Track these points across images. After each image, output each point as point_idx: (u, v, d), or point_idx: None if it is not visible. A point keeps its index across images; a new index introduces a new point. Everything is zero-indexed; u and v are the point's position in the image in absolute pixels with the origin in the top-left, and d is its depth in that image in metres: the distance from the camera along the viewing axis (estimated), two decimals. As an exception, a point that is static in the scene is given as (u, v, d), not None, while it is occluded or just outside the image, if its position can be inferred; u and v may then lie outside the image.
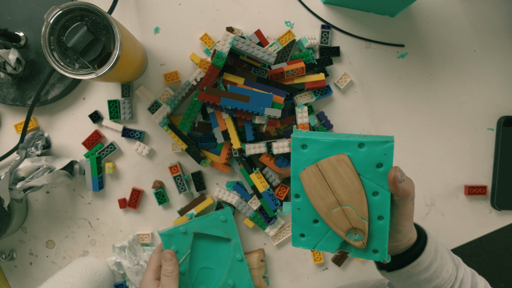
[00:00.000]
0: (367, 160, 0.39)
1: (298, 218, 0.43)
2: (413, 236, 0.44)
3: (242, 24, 0.64)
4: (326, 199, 0.40)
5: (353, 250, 0.42)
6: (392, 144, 0.38)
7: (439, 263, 0.44)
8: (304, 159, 0.41)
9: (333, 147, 0.40)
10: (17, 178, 0.58)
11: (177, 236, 0.60)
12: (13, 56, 0.57)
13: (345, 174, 0.40)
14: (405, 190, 0.39)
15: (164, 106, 0.60)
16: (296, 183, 0.42)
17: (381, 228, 0.41)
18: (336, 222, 0.41)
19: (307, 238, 0.43)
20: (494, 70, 0.66)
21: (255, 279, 0.62)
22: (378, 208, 0.40)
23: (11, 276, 0.67)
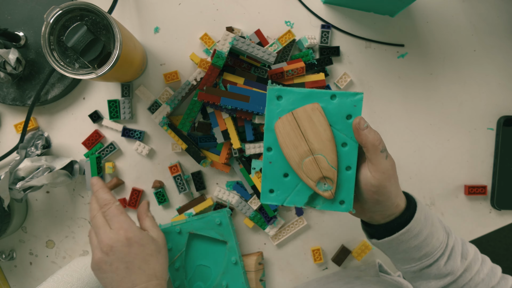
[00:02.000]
0: (338, 111, 0.42)
1: (269, 172, 0.43)
2: (401, 203, 0.44)
3: (242, 23, 0.64)
4: (299, 148, 0.42)
5: (321, 202, 0.43)
6: (361, 96, 0.41)
7: (429, 231, 0.44)
8: (279, 109, 0.42)
9: (307, 98, 0.42)
10: (17, 178, 0.58)
11: (172, 234, 0.61)
12: (13, 56, 0.57)
13: (318, 123, 0.41)
14: (368, 138, 0.40)
15: (164, 106, 0.60)
16: (270, 135, 0.43)
17: (348, 178, 0.43)
18: (308, 172, 0.42)
19: (277, 193, 0.43)
20: (494, 70, 0.66)
21: (252, 282, 0.62)
22: (346, 158, 0.42)
23: (11, 276, 0.67)
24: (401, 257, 0.46)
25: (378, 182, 0.41)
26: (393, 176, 0.42)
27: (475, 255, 0.47)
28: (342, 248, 0.65)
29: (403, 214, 0.44)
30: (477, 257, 0.46)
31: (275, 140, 0.42)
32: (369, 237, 0.48)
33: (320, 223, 0.66)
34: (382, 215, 0.44)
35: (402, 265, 0.47)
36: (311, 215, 0.66)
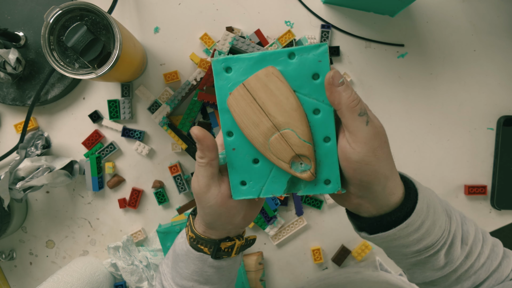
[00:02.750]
0: (300, 71, 0.34)
1: (235, 161, 0.36)
2: (397, 189, 0.36)
3: (242, 23, 0.64)
4: (261, 126, 0.35)
5: (302, 186, 0.37)
6: (325, 47, 0.34)
7: (431, 220, 0.36)
8: (230, 84, 0.35)
9: (260, 63, 0.34)
10: (17, 178, 0.58)
11: (172, 234, 0.61)
12: (13, 56, 0.57)
13: (277, 91, 0.34)
14: (342, 98, 0.32)
15: (164, 106, 0.60)
16: (226, 116, 0.36)
17: (329, 151, 0.35)
18: (277, 152, 0.35)
19: (249, 185, 0.37)
20: (494, 69, 0.66)
21: (252, 282, 0.62)
22: (322, 127, 0.35)
23: (11, 275, 0.67)
24: (396, 250, 0.39)
25: (358, 157, 0.33)
26: (380, 149, 0.33)
27: (476, 235, 0.40)
28: (342, 248, 0.65)
29: (401, 207, 0.36)
30: (478, 238, 0.40)
31: (234, 121, 0.35)
32: (358, 230, 0.41)
33: (320, 223, 0.66)
34: (373, 204, 0.36)
35: (396, 256, 0.40)
36: (311, 215, 0.66)
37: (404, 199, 0.36)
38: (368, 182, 0.34)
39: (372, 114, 0.35)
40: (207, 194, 0.37)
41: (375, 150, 0.33)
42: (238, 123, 0.35)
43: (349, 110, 0.32)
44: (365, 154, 0.33)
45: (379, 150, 0.33)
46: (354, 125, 0.33)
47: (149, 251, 0.65)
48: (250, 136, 0.35)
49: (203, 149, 0.36)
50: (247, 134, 0.35)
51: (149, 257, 0.64)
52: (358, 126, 0.32)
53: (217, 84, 0.35)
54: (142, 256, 0.64)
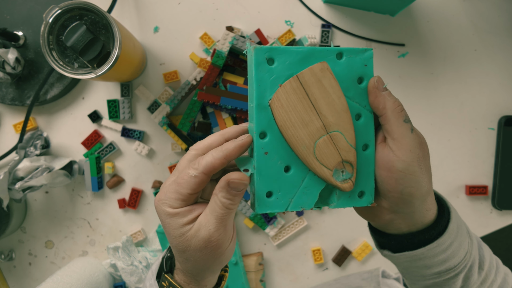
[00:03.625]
0: (347, 73, 0.32)
1: (265, 168, 0.32)
2: (432, 206, 0.33)
3: (242, 23, 0.63)
4: (310, 125, 0.31)
5: (335, 198, 0.33)
6: (371, 53, 0.33)
7: (459, 242, 0.34)
8: (272, 77, 0.31)
9: (308, 59, 0.32)
10: (16, 178, 0.58)
11: None
12: (12, 55, 0.57)
13: (331, 88, 0.31)
14: (388, 103, 0.31)
15: (164, 106, 0.60)
16: (263, 115, 0.31)
17: (366, 160, 0.33)
18: (323, 157, 0.32)
19: (277, 196, 0.32)
20: (495, 69, 0.65)
21: (252, 282, 0.62)
22: (362, 134, 0.33)
23: (10, 276, 0.66)
24: (416, 271, 0.36)
25: (403, 165, 0.31)
26: (423, 160, 0.31)
27: (491, 261, 0.39)
28: (343, 248, 0.65)
29: (435, 225, 0.34)
30: (492, 265, 0.39)
31: (271, 120, 0.32)
32: (379, 247, 0.38)
33: (320, 223, 0.66)
34: (406, 221, 0.34)
35: (412, 278, 0.38)
36: (311, 215, 0.66)
37: (438, 217, 0.34)
38: (410, 194, 0.32)
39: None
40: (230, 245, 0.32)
41: (419, 159, 0.31)
42: (283, 121, 0.31)
43: (395, 115, 0.31)
44: (410, 163, 0.31)
45: (422, 160, 0.31)
46: (399, 132, 0.31)
47: (148, 252, 0.65)
48: (295, 137, 0.31)
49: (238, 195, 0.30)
50: (292, 135, 0.31)
51: (149, 258, 0.64)
52: (404, 132, 0.31)
53: (257, 76, 0.31)
54: (141, 256, 0.64)
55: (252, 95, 0.31)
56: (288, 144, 0.32)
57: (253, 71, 0.31)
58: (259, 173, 0.32)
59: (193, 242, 0.31)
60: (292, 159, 0.32)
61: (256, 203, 0.32)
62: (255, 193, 0.32)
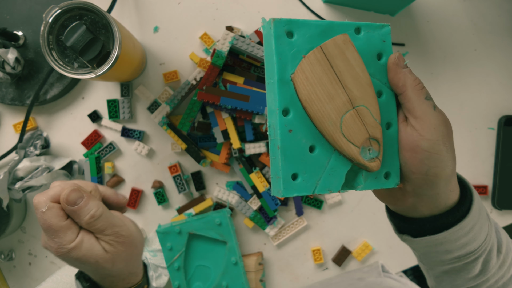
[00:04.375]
0: (366, 49, 0.32)
1: (289, 147, 0.30)
2: (456, 188, 0.32)
3: (242, 23, 0.63)
4: (336, 99, 0.30)
5: (362, 180, 0.32)
6: (389, 28, 0.32)
7: (480, 224, 0.33)
8: (293, 50, 0.30)
9: (327, 33, 0.31)
10: (16, 178, 0.58)
11: (172, 234, 0.61)
12: (12, 55, 0.57)
13: (354, 61, 0.30)
14: (408, 80, 0.30)
15: (164, 106, 0.60)
16: (285, 90, 0.30)
17: (390, 139, 0.32)
18: (350, 133, 0.30)
19: (304, 178, 0.30)
20: (495, 69, 0.65)
21: (252, 282, 0.62)
22: (384, 112, 0.32)
23: (10, 276, 0.66)
24: (435, 256, 0.35)
25: (428, 144, 0.29)
26: (448, 139, 0.30)
27: (508, 244, 0.37)
28: (342, 248, 0.65)
29: (458, 206, 0.32)
30: (509, 247, 0.37)
31: (293, 96, 0.30)
32: (398, 232, 0.37)
33: (320, 223, 0.66)
34: (428, 204, 0.32)
35: (431, 263, 0.37)
36: (311, 215, 0.66)
37: (461, 198, 0.33)
38: (436, 175, 0.30)
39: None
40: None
41: (444, 137, 0.30)
42: (307, 95, 0.29)
43: (416, 92, 0.30)
44: (436, 141, 0.29)
45: (447, 139, 0.30)
46: (421, 109, 0.30)
47: (148, 252, 0.65)
48: (321, 112, 0.30)
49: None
50: (317, 110, 0.30)
51: (149, 258, 0.64)
52: (426, 110, 0.30)
53: (277, 50, 0.30)
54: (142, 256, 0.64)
55: (273, 71, 0.30)
56: (311, 122, 0.30)
57: (273, 45, 0.30)
58: (283, 153, 0.30)
59: None
60: (317, 138, 0.31)
61: (283, 186, 0.30)
62: (282, 175, 0.30)
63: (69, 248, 0.36)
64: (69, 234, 0.36)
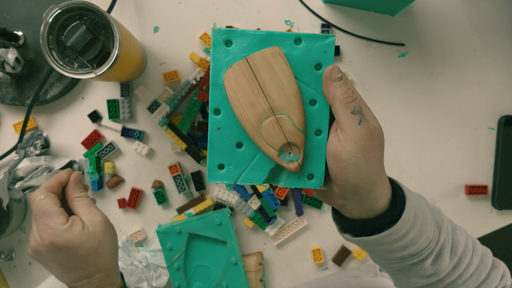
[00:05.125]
0: (304, 59, 0.33)
1: (217, 142, 0.35)
2: (383, 195, 0.34)
3: (242, 23, 0.63)
4: (257, 107, 0.33)
5: (285, 178, 0.35)
6: (333, 39, 0.33)
7: (417, 231, 0.35)
8: (228, 58, 0.33)
9: (265, 42, 0.33)
10: (16, 178, 0.58)
11: (172, 234, 0.61)
12: (12, 55, 0.57)
13: (281, 73, 0.33)
14: (336, 93, 0.32)
15: (164, 106, 0.60)
16: (217, 92, 0.34)
17: (318, 145, 0.34)
18: (268, 137, 0.34)
19: (228, 169, 0.35)
20: (495, 69, 0.65)
21: (252, 282, 0.62)
22: (316, 120, 0.34)
23: (10, 276, 0.66)
24: (379, 254, 0.38)
25: (347, 156, 0.32)
26: (372, 152, 0.32)
27: (466, 245, 0.39)
28: (342, 248, 0.65)
29: (386, 214, 0.35)
30: (468, 248, 0.39)
31: (225, 98, 0.34)
32: (341, 231, 0.39)
33: (320, 223, 0.66)
34: (356, 208, 0.35)
35: (379, 260, 0.39)
36: (311, 215, 0.66)
37: (390, 206, 0.35)
38: (354, 184, 0.33)
39: (371, 115, 0.35)
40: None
41: (365, 151, 0.32)
42: (232, 101, 0.33)
43: (342, 106, 0.32)
44: (355, 154, 0.31)
45: (370, 152, 0.32)
46: (346, 122, 0.32)
47: (148, 252, 0.65)
48: (243, 116, 0.33)
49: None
50: (239, 114, 0.33)
51: (149, 258, 0.64)
52: (350, 124, 0.32)
53: (213, 56, 0.33)
54: (141, 256, 0.64)
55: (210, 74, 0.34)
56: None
57: (211, 52, 0.33)
58: (211, 146, 0.35)
59: None
60: (244, 137, 0.35)
61: (208, 173, 0.35)
62: (207, 163, 0.35)
63: (63, 229, 0.41)
64: (62, 217, 0.42)
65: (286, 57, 0.33)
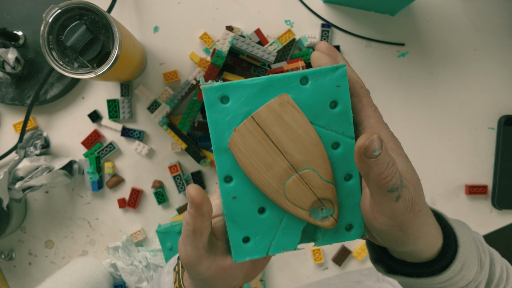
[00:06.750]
0: (315, 100, 0.29)
1: (236, 213, 0.30)
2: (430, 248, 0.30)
3: (241, 23, 0.63)
4: (275, 167, 0.29)
5: (320, 236, 0.31)
6: (344, 70, 0.29)
7: (461, 276, 0.32)
8: (228, 117, 0.29)
9: (266, 90, 0.28)
10: (16, 177, 0.58)
11: (172, 234, 0.61)
12: (12, 55, 0.57)
13: (295, 123, 0.28)
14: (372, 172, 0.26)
15: (164, 106, 0.60)
16: (224, 158, 0.29)
17: (351, 192, 0.30)
18: (295, 198, 0.29)
19: (255, 241, 0.30)
20: (495, 69, 0.65)
21: (252, 282, 0.62)
22: (343, 164, 0.30)
23: (10, 276, 0.66)
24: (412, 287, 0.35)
25: (381, 228, 0.28)
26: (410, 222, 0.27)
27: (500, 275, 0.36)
28: (343, 248, 0.65)
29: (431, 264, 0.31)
30: (502, 279, 0.37)
31: (235, 163, 0.29)
32: (375, 263, 0.35)
33: (320, 223, 0.66)
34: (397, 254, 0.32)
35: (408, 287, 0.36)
36: (311, 215, 0.66)
37: (438, 257, 0.31)
38: (391, 246, 0.29)
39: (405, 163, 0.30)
40: (197, 267, 0.31)
41: (403, 225, 0.27)
42: (244, 166, 0.29)
43: (378, 185, 0.26)
44: (389, 228, 0.27)
45: (409, 223, 0.27)
46: (381, 200, 0.27)
47: (148, 251, 0.65)
48: (260, 181, 0.29)
49: (196, 216, 0.29)
50: (256, 179, 0.29)
51: (149, 257, 0.64)
52: (386, 202, 0.27)
53: (210, 118, 0.29)
54: (141, 256, 0.64)
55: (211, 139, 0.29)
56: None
57: (206, 113, 0.29)
58: (230, 219, 0.30)
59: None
60: (266, 200, 0.30)
61: (233, 251, 0.30)
62: (230, 240, 0.30)
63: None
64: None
65: (296, 102, 0.29)
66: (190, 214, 0.29)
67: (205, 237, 0.30)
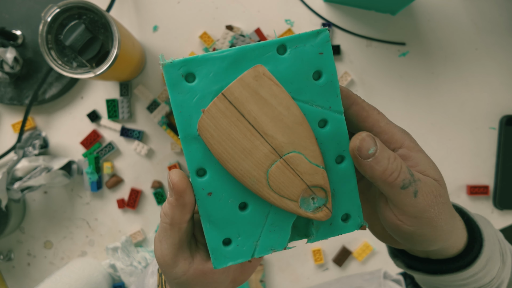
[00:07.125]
0: (296, 71, 0.25)
1: (213, 211, 0.26)
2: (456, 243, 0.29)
3: (241, 22, 0.63)
4: (255, 153, 0.24)
5: (313, 230, 0.27)
6: (326, 35, 0.25)
7: (484, 272, 0.31)
8: (195, 98, 0.24)
9: (238, 63, 0.24)
10: (14, 178, 0.58)
11: None
12: (11, 55, 0.56)
13: (274, 99, 0.24)
14: (375, 172, 0.24)
15: (163, 105, 0.60)
16: (193, 147, 0.25)
17: (344, 175, 0.26)
18: (281, 188, 0.25)
19: (238, 242, 0.26)
20: (496, 68, 0.65)
21: (252, 283, 0.62)
22: (332, 144, 0.26)
23: (9, 276, 0.66)
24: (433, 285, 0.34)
25: (410, 230, 0.26)
26: (438, 217, 0.26)
27: None
28: (343, 248, 0.65)
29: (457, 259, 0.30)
30: None
31: (207, 152, 0.25)
32: (394, 257, 0.34)
33: (321, 224, 0.65)
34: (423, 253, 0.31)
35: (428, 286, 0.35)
36: (312, 215, 0.65)
37: (463, 252, 0.30)
38: (422, 247, 0.28)
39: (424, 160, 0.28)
40: (173, 269, 0.27)
41: (431, 221, 0.26)
42: (218, 154, 0.24)
43: (387, 185, 0.25)
44: (419, 228, 0.26)
45: (436, 219, 0.26)
46: (398, 200, 0.25)
47: (148, 252, 0.64)
48: (239, 171, 0.24)
49: (176, 206, 0.25)
50: (233, 169, 0.24)
51: (148, 258, 0.64)
52: (404, 200, 0.25)
53: (174, 101, 0.24)
54: (141, 257, 0.64)
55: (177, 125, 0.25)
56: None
57: (169, 95, 0.24)
58: (206, 219, 0.26)
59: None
60: (247, 194, 0.26)
61: (212, 256, 0.26)
62: (208, 244, 0.26)
63: None
64: None
65: (273, 75, 0.24)
66: (170, 204, 0.25)
67: (184, 234, 0.27)
